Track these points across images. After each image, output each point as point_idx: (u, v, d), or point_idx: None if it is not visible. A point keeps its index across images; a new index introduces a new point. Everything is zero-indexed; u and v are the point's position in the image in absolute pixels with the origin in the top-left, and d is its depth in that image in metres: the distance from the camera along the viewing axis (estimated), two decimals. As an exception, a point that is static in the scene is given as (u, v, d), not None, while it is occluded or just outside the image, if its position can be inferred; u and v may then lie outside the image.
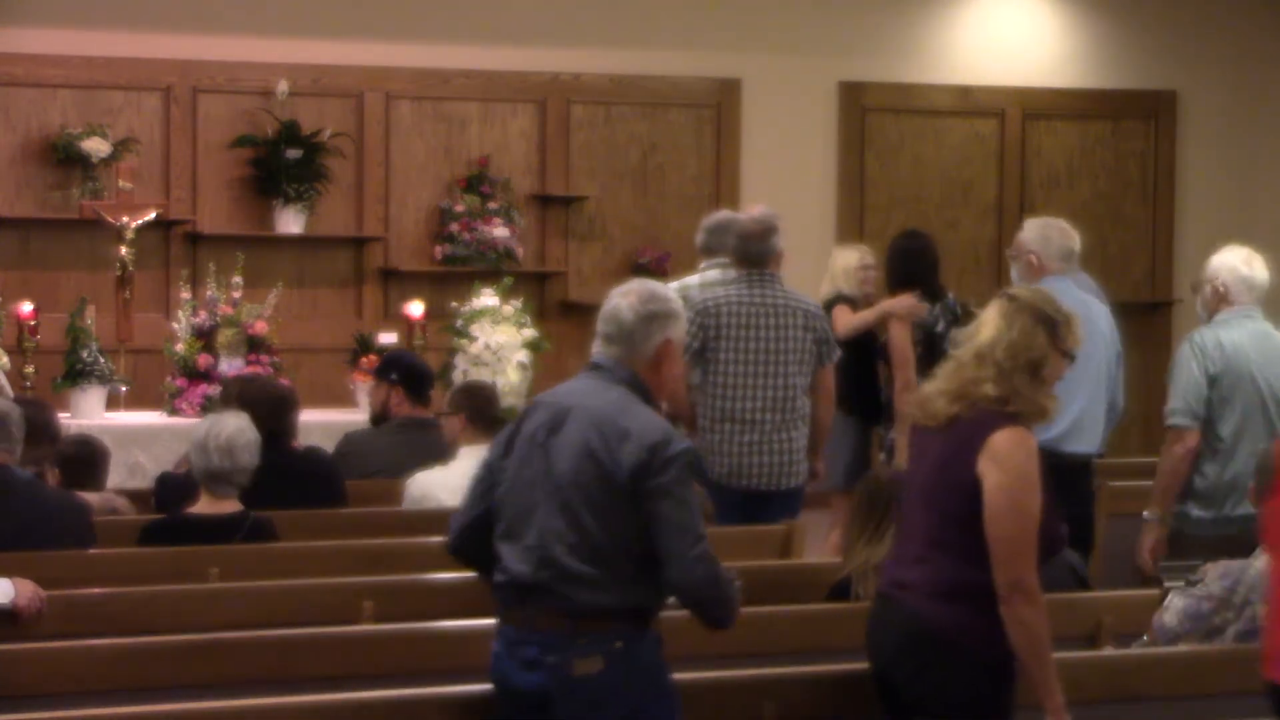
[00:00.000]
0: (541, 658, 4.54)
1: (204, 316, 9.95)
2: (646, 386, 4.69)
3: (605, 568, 4.52)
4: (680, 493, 4.52)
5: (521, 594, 4.59)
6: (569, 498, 4.55)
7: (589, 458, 4.55)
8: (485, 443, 7.41)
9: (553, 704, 4.54)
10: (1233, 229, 13.50)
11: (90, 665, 5.01)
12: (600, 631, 4.52)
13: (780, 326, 7.90)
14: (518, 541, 4.61)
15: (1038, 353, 4.74)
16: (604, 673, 4.51)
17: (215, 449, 6.34)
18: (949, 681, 4.66)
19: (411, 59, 12.00)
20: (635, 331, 4.68)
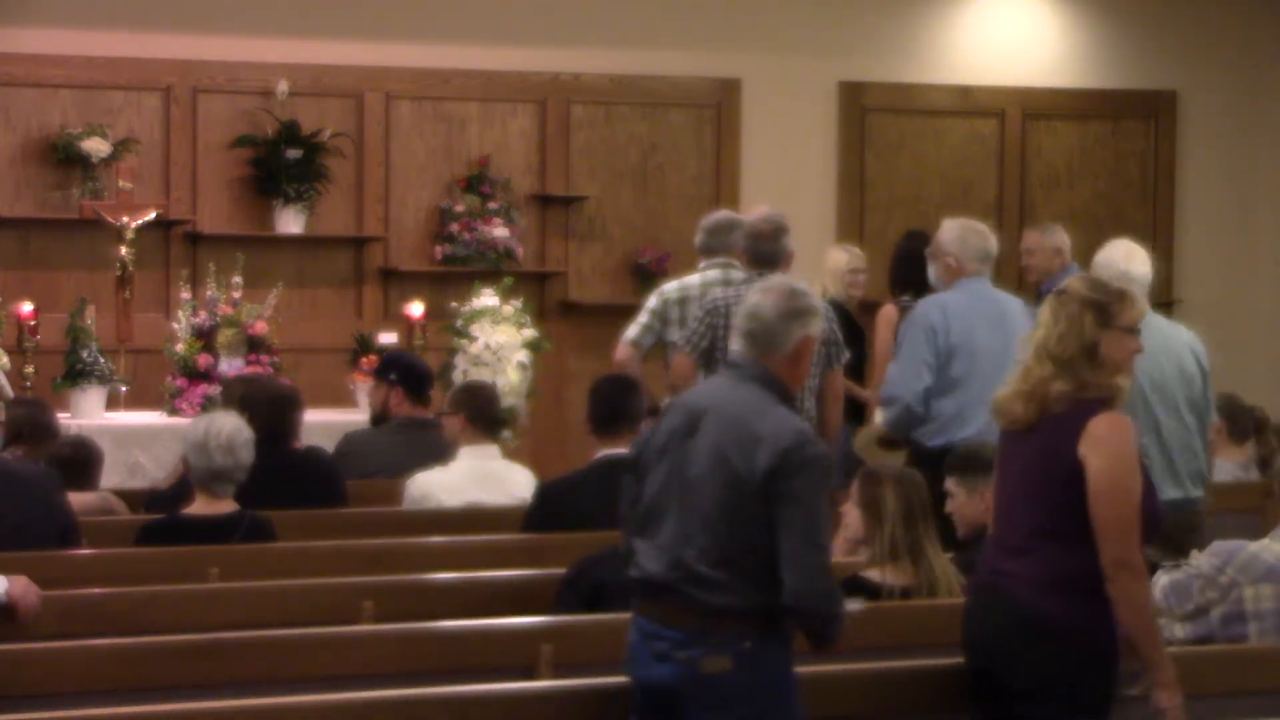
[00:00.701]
0: (672, 653, 4.61)
1: (204, 316, 9.95)
2: (783, 384, 4.74)
3: (735, 570, 4.57)
4: (808, 499, 4.56)
5: (654, 591, 4.66)
6: (701, 500, 4.61)
7: (722, 461, 4.60)
8: (485, 443, 7.48)
9: (680, 699, 4.61)
10: (1233, 229, 13.54)
11: (90, 665, 5.00)
12: (729, 632, 4.57)
13: None
14: (652, 540, 4.69)
15: (1089, 337, 4.80)
16: (731, 673, 4.57)
17: (217, 448, 6.34)
18: (1056, 669, 4.72)
19: (411, 59, 12.00)
20: (776, 328, 4.73)
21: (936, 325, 7.39)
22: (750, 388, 4.69)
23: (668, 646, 4.61)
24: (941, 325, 7.38)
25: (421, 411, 8.20)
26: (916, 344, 7.40)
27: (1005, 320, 7.43)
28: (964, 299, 7.50)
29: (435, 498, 7.27)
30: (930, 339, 7.37)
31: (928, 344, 7.37)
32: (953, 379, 7.38)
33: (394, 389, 8.18)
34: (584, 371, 11.25)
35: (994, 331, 7.38)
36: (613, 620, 5.48)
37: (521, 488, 7.38)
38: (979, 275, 7.55)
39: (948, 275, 7.57)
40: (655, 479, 4.71)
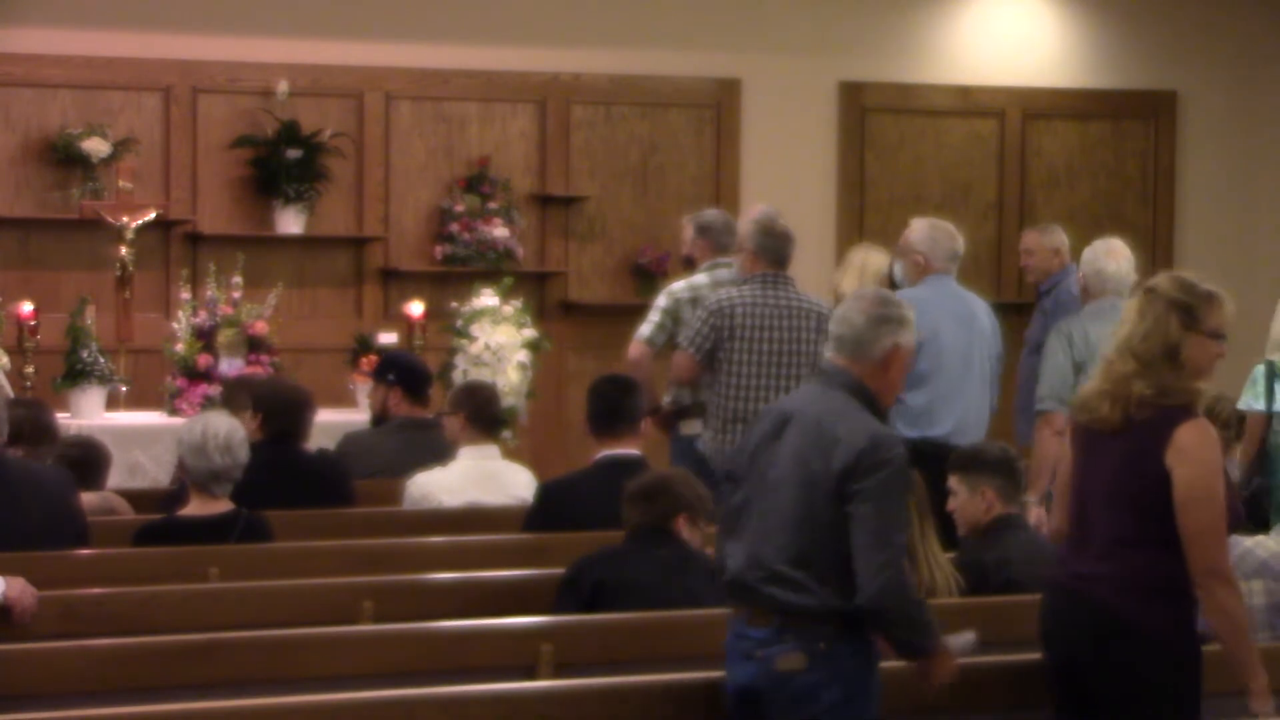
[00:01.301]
0: (753, 652, 4.70)
1: (204, 316, 9.95)
2: (870, 391, 4.78)
3: (812, 571, 4.64)
4: (882, 499, 4.60)
5: (739, 591, 4.75)
6: (781, 502, 4.68)
7: (802, 463, 4.67)
8: (485, 443, 7.48)
9: (761, 698, 4.69)
10: (1233, 229, 13.54)
11: (90, 665, 5.01)
12: (806, 632, 4.65)
13: (794, 329, 7.94)
14: (737, 541, 4.77)
15: (1173, 338, 4.82)
16: (806, 672, 4.65)
17: (216, 449, 6.34)
18: (1141, 673, 4.75)
19: (411, 59, 11.99)
20: (864, 334, 4.77)
21: None
22: (837, 394, 4.77)
23: (750, 645, 4.71)
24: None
25: (421, 411, 8.20)
26: None
27: (972, 319, 7.56)
28: (932, 295, 7.60)
29: (435, 498, 7.27)
30: None
31: None
32: (920, 373, 7.49)
33: (392, 389, 8.18)
34: (584, 371, 11.26)
35: (960, 329, 7.50)
36: (613, 620, 5.50)
37: (521, 488, 7.38)
38: (945, 273, 7.67)
39: (915, 272, 7.73)
40: (745, 482, 4.80)
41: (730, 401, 7.93)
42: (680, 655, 5.34)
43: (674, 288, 8.43)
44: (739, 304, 7.93)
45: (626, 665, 5.21)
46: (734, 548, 4.78)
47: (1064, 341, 7.17)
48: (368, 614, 5.74)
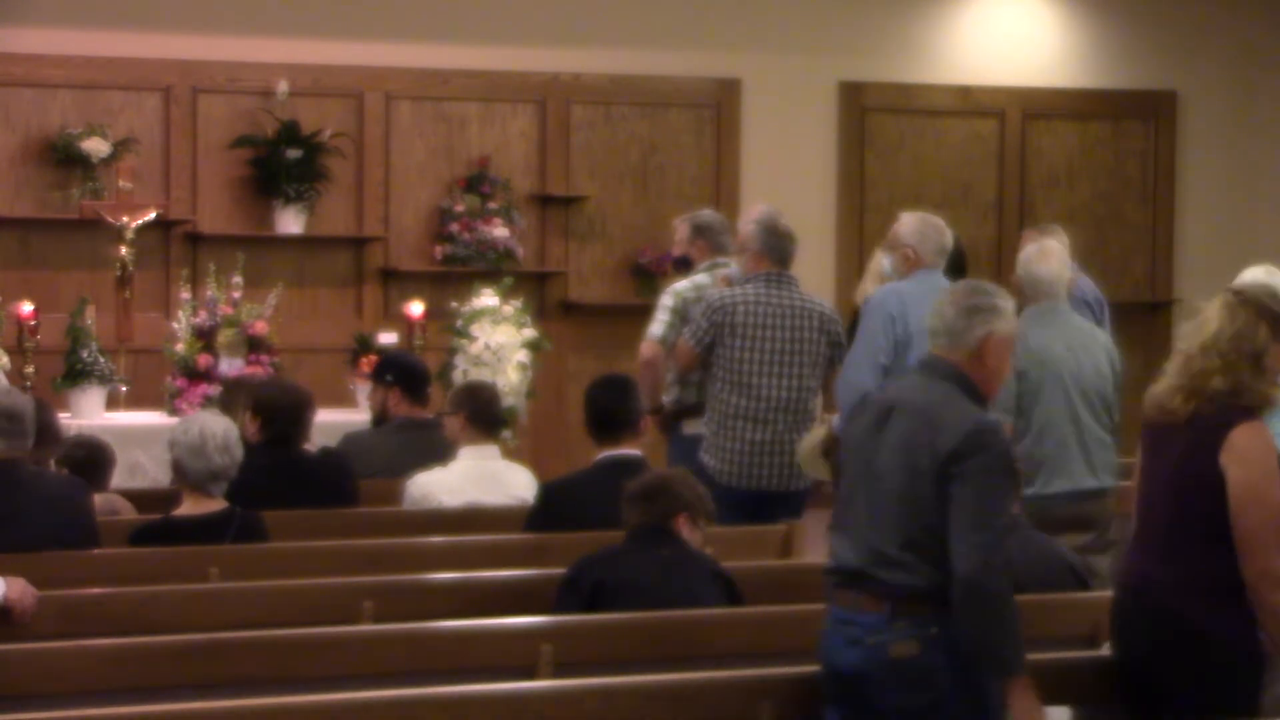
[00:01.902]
0: (862, 638, 4.72)
1: (204, 316, 9.94)
2: (971, 381, 4.83)
3: (921, 556, 4.69)
4: (982, 481, 4.65)
5: (847, 578, 4.78)
6: (888, 488, 4.74)
7: (907, 451, 4.72)
8: (485, 443, 7.47)
9: (870, 683, 4.72)
10: (1233, 229, 13.54)
11: (90, 665, 5.00)
12: (917, 616, 4.68)
13: (796, 328, 7.95)
14: (844, 530, 4.84)
15: (1260, 344, 4.85)
16: (919, 656, 4.67)
17: (216, 449, 6.34)
18: (1205, 675, 4.76)
19: (411, 59, 12.00)
20: (956, 324, 4.84)
21: (894, 313, 7.50)
22: (939, 384, 4.83)
23: (859, 632, 4.73)
24: (899, 312, 7.50)
25: (420, 411, 8.19)
26: (874, 331, 7.51)
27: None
28: (921, 289, 7.59)
29: (435, 498, 7.27)
30: (888, 326, 7.48)
31: (885, 331, 7.48)
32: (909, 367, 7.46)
33: (391, 390, 8.17)
34: (584, 371, 11.26)
35: None
36: (613, 620, 5.49)
37: (522, 488, 7.38)
38: (934, 268, 7.67)
39: (905, 266, 7.72)
40: (849, 473, 4.87)
41: (732, 398, 7.93)
42: (680, 655, 5.35)
43: (678, 287, 8.44)
44: (741, 302, 7.94)
45: (626, 665, 5.21)
46: (841, 536, 4.85)
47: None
48: (368, 614, 5.73)
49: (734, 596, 5.82)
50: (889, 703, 4.70)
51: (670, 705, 4.83)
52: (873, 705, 4.73)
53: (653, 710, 4.81)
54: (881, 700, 4.71)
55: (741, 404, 7.91)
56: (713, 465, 7.88)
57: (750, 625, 5.58)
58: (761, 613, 5.66)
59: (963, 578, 4.60)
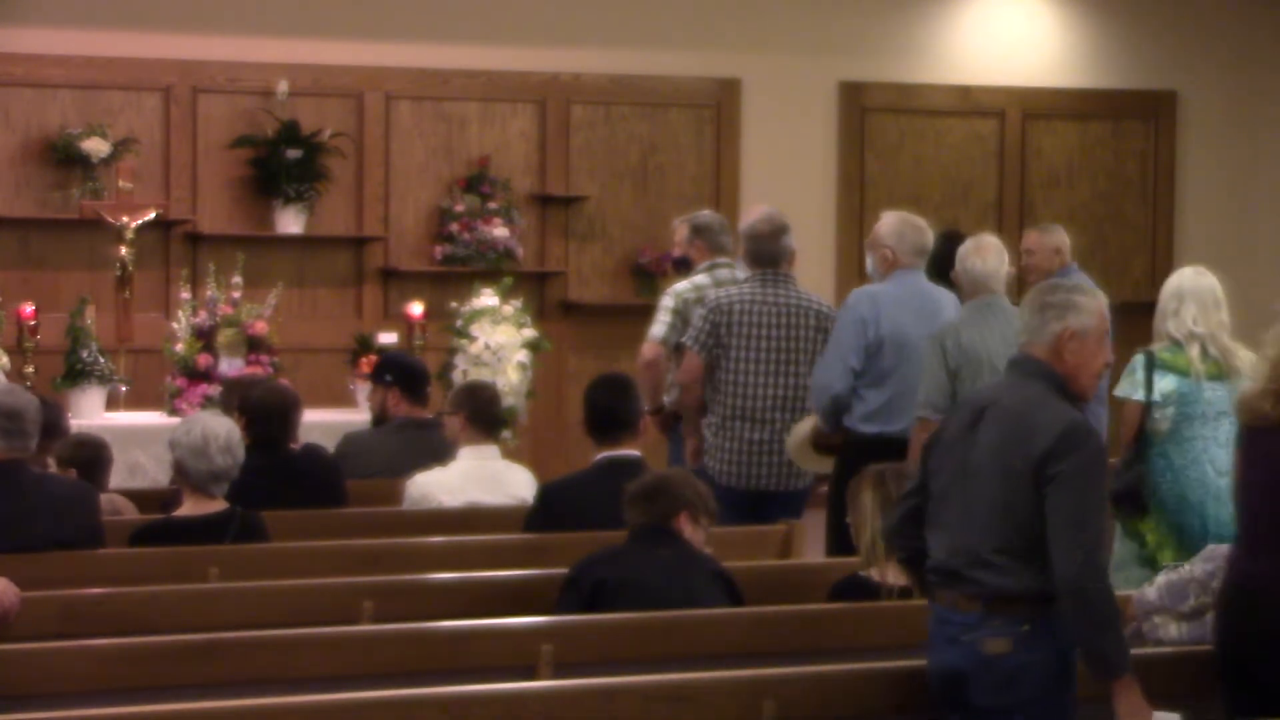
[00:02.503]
0: (958, 637, 4.78)
1: (204, 316, 9.94)
2: (1060, 377, 4.86)
3: (1014, 555, 4.72)
4: (1078, 483, 4.68)
5: (943, 578, 4.84)
6: (982, 489, 4.78)
7: (1001, 452, 4.76)
8: (485, 443, 7.47)
9: (965, 681, 4.78)
10: (1232, 229, 13.54)
11: (90, 665, 5.00)
12: (1010, 615, 4.72)
13: (793, 326, 7.96)
14: (939, 530, 4.89)
15: None
16: (1011, 654, 4.72)
17: (218, 450, 6.34)
18: None
19: (411, 59, 12.00)
20: (1033, 323, 4.90)
21: (867, 316, 7.55)
22: (1030, 383, 4.86)
23: (955, 630, 4.79)
24: (872, 316, 7.54)
25: (420, 411, 8.19)
26: (847, 334, 7.57)
27: (937, 314, 7.60)
28: (896, 291, 7.64)
29: (435, 498, 7.27)
30: (859, 329, 7.53)
31: (857, 335, 7.53)
32: (883, 370, 7.54)
33: (390, 390, 8.17)
34: (584, 371, 11.26)
35: (924, 325, 7.54)
36: (613, 620, 5.49)
37: (521, 488, 7.38)
38: (914, 268, 7.70)
39: (884, 267, 7.76)
40: (943, 472, 4.90)
41: (730, 398, 7.95)
42: (680, 655, 5.35)
43: (678, 288, 8.46)
44: (737, 302, 7.96)
45: (626, 665, 5.21)
46: (937, 536, 4.89)
47: (938, 349, 7.26)
48: (368, 614, 5.73)
49: (734, 596, 5.82)
50: (981, 700, 4.77)
51: (670, 705, 4.83)
52: (969, 702, 4.80)
53: (653, 710, 4.80)
54: (975, 697, 4.77)
55: (739, 404, 7.93)
56: (712, 466, 7.90)
57: (750, 625, 5.58)
58: (761, 613, 5.66)
59: (1064, 580, 4.64)
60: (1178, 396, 7.17)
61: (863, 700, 4.97)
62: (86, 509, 6.28)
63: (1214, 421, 7.19)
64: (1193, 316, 7.26)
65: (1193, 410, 7.15)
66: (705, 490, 5.94)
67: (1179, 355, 7.22)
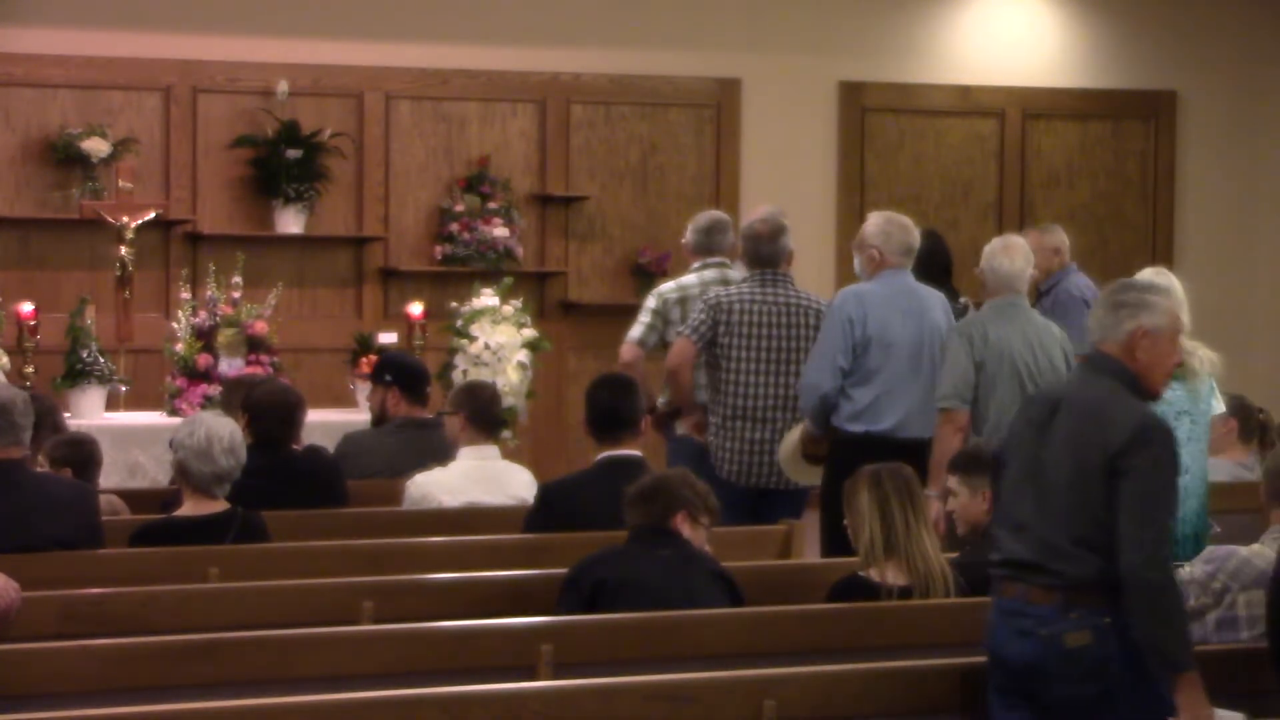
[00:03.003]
0: (1034, 630, 4.78)
1: (204, 316, 9.94)
2: (1132, 375, 4.88)
3: (1091, 547, 4.75)
4: (1149, 478, 4.72)
5: (1017, 570, 4.84)
6: (1058, 484, 4.81)
7: (1075, 447, 4.79)
8: (485, 443, 7.47)
9: (1042, 674, 4.78)
10: (1232, 229, 13.54)
11: (90, 665, 5.00)
12: (1089, 607, 4.74)
13: (791, 325, 7.99)
14: (1008, 524, 4.91)
15: None
16: (1092, 646, 4.74)
17: (222, 452, 6.33)
18: None
19: (411, 59, 12.00)
20: (1105, 320, 4.92)
21: (853, 316, 7.58)
22: (1102, 379, 4.89)
23: (1030, 623, 4.79)
24: (858, 316, 7.58)
25: (420, 411, 8.18)
26: (833, 334, 7.61)
27: (923, 314, 7.64)
28: (883, 291, 7.66)
29: (435, 498, 7.27)
30: (847, 329, 7.56)
31: (843, 334, 7.57)
32: (869, 369, 7.57)
33: (390, 390, 8.16)
34: (584, 371, 11.27)
35: (910, 324, 7.58)
36: (613, 620, 5.49)
37: (521, 488, 7.38)
38: (900, 268, 7.73)
39: (871, 266, 7.80)
40: (1017, 467, 4.93)
41: (730, 398, 7.96)
42: (680, 655, 5.35)
43: (663, 289, 8.50)
44: (737, 301, 7.97)
45: (626, 665, 5.21)
46: (1006, 530, 4.91)
47: (965, 342, 7.34)
48: (368, 614, 5.73)
49: (735, 596, 5.82)
50: (1061, 693, 4.77)
51: (670, 705, 4.82)
52: (1043, 696, 4.80)
53: (653, 710, 4.80)
54: (1054, 691, 4.78)
55: (740, 404, 7.94)
56: (714, 463, 7.92)
57: (750, 625, 5.58)
58: (761, 613, 5.66)
59: (1129, 573, 4.67)
60: None
61: (863, 700, 4.97)
62: (86, 508, 6.28)
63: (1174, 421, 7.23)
64: None
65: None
66: (704, 490, 5.94)
67: None
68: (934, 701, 5.01)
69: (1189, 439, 7.13)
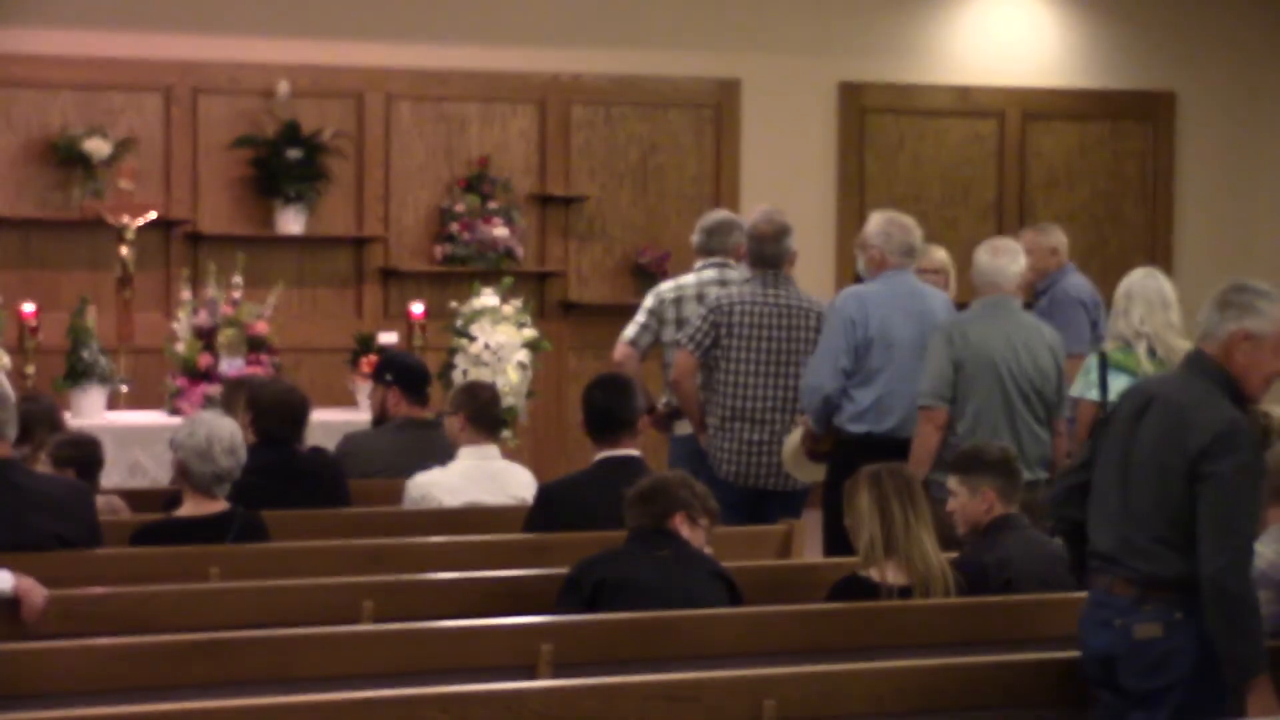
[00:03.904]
0: (1111, 620, 4.88)
1: (204, 316, 9.95)
2: (1227, 376, 4.88)
3: (1169, 544, 4.79)
4: (1231, 485, 4.73)
5: (1101, 562, 4.93)
6: (1141, 478, 4.85)
7: (1161, 445, 4.83)
8: (484, 443, 7.47)
9: (1116, 664, 4.88)
10: (1232, 229, 13.55)
11: (90, 665, 5.01)
12: (1162, 601, 4.81)
13: (792, 328, 7.99)
14: (1099, 516, 4.98)
15: None
16: (1162, 640, 4.80)
17: (222, 452, 6.34)
18: None
19: (411, 59, 12.00)
20: (1210, 319, 4.93)
21: (854, 316, 7.60)
22: (1197, 379, 4.90)
23: (1110, 614, 4.89)
24: (860, 316, 7.58)
25: (420, 411, 8.19)
26: (835, 335, 7.62)
27: (925, 314, 7.64)
28: (884, 291, 7.67)
29: (435, 498, 7.27)
30: (848, 330, 7.57)
31: (845, 335, 7.58)
32: (871, 370, 7.58)
33: (390, 390, 8.17)
34: (584, 371, 11.28)
35: (912, 324, 7.59)
36: (613, 620, 5.50)
37: (522, 488, 7.39)
38: (901, 268, 7.73)
39: (872, 267, 7.82)
40: (1107, 459, 4.96)
41: (729, 399, 7.97)
42: (680, 655, 5.35)
43: (661, 288, 8.51)
44: (738, 303, 7.98)
45: (626, 665, 5.22)
46: (1097, 521, 4.96)
47: (945, 341, 7.36)
48: (368, 614, 5.74)
49: (734, 596, 5.83)
50: (1130, 682, 4.84)
51: (670, 705, 4.83)
52: (1119, 685, 4.87)
53: (653, 710, 4.81)
54: (1125, 679, 4.85)
55: (738, 405, 7.95)
56: (713, 463, 7.93)
57: (750, 625, 5.59)
58: (761, 613, 5.66)
59: (1208, 580, 4.69)
60: None
61: (863, 700, 4.97)
62: (82, 507, 6.28)
63: None
64: (1140, 316, 7.39)
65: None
66: (704, 491, 5.94)
67: (1130, 355, 7.30)
68: (934, 701, 5.02)
69: None
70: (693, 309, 8.24)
